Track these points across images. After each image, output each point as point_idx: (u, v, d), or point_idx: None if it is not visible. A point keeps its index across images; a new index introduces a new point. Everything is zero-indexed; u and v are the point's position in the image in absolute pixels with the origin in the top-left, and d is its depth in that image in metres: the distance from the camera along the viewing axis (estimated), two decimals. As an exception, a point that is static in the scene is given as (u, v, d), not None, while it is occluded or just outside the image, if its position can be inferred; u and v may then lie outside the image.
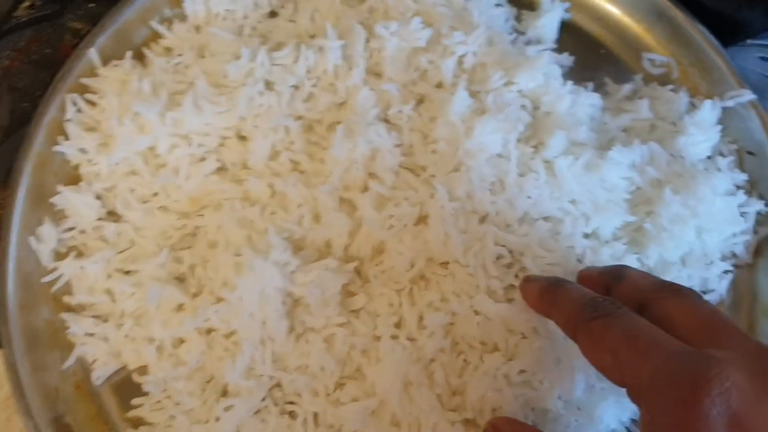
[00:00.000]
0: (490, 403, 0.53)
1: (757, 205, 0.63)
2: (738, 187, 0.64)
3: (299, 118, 0.64)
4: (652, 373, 0.36)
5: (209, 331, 0.58)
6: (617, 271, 0.48)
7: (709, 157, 0.66)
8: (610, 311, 0.40)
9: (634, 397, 0.38)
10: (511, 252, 0.58)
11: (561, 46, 0.71)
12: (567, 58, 0.70)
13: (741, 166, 0.66)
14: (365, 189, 0.61)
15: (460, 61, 0.66)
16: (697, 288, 0.61)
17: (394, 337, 0.55)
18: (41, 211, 0.62)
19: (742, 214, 0.62)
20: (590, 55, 0.72)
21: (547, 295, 0.49)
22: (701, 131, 0.64)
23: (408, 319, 0.56)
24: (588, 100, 0.63)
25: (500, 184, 0.60)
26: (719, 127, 0.65)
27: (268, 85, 0.64)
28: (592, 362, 0.41)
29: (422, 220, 0.59)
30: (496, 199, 0.59)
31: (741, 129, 0.67)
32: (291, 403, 0.56)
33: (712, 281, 0.62)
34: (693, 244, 0.60)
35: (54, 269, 0.61)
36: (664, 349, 0.36)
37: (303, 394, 0.55)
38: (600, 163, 0.59)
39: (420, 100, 0.65)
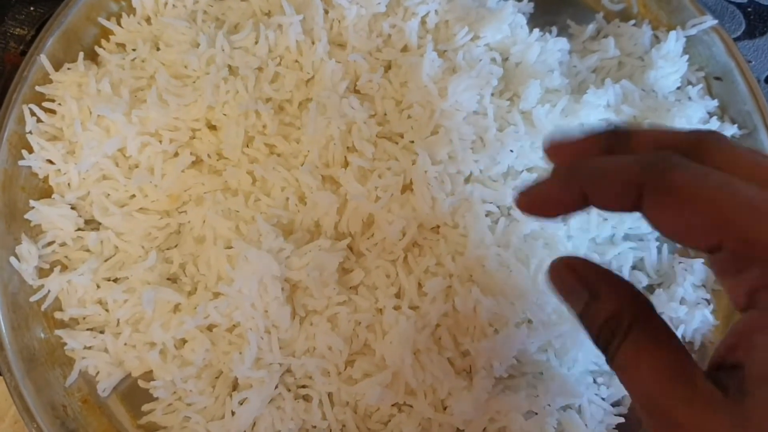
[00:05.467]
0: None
1: (731, 130, 0.64)
2: (710, 114, 0.65)
3: (268, 100, 0.62)
4: None
5: (211, 327, 0.57)
6: (612, 131, 0.35)
7: (678, 88, 0.66)
8: (683, 162, 0.30)
9: (740, 252, 0.30)
10: (499, 207, 0.59)
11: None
12: (527, 5, 0.69)
13: (710, 92, 0.67)
14: (346, 164, 0.60)
15: (423, 21, 0.65)
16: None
17: (397, 308, 0.55)
18: (17, 230, 0.61)
19: (717, 140, 0.63)
20: (548, -1, 0.72)
21: (574, 177, 0.33)
22: (669, 63, 0.64)
23: (407, 288, 0.56)
24: (556, 46, 0.63)
25: (480, 141, 0.59)
26: (686, 57, 0.65)
27: (232, 70, 0.63)
28: (670, 228, 0.31)
29: (407, 187, 0.59)
30: (479, 157, 0.58)
31: (706, 55, 0.68)
32: (304, 387, 0.56)
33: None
34: (675, 178, 0.61)
35: (40, 287, 0.60)
36: None
37: (314, 376, 0.55)
38: (577, 108, 0.59)
39: (387, 67, 0.64)
